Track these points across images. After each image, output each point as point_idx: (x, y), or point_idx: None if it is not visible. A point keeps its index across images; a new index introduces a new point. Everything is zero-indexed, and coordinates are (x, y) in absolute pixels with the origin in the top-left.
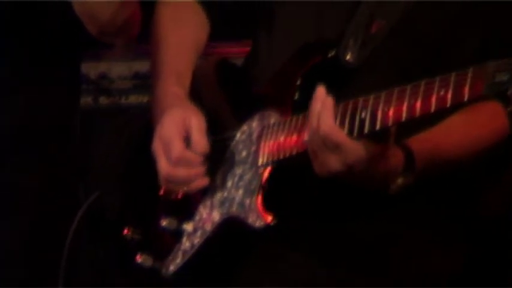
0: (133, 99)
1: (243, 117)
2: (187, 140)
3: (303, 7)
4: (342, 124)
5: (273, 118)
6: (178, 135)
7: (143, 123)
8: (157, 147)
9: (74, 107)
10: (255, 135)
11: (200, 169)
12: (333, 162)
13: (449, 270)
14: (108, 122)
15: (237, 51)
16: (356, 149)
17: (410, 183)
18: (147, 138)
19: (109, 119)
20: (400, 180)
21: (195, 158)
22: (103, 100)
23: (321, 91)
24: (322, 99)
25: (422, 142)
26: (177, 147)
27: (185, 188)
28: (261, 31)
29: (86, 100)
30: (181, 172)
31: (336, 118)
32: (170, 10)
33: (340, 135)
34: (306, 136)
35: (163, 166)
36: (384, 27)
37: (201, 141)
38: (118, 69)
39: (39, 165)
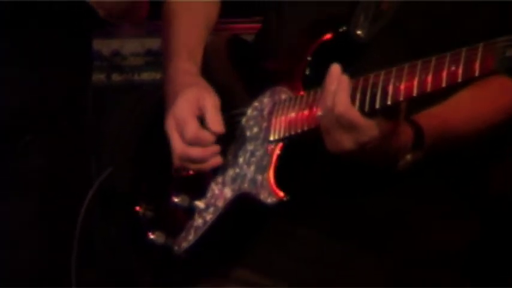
0: (145, 76)
1: (254, 93)
2: (201, 119)
3: None
4: (353, 99)
5: (284, 94)
6: (192, 115)
7: (156, 100)
8: (170, 126)
9: (85, 85)
10: (266, 111)
11: (215, 148)
12: (346, 141)
13: (458, 246)
14: (121, 99)
15: (247, 28)
16: (370, 128)
17: (419, 159)
18: (160, 115)
19: (122, 95)
20: (409, 157)
21: (209, 137)
22: (116, 77)
23: (336, 69)
24: (337, 78)
25: (431, 118)
26: (192, 126)
27: (199, 167)
28: (271, 7)
29: (99, 77)
30: (196, 152)
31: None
32: None
33: (355, 114)
34: (319, 112)
35: (178, 145)
36: (394, 2)
37: (216, 120)
38: (130, 46)
39: (50, 143)
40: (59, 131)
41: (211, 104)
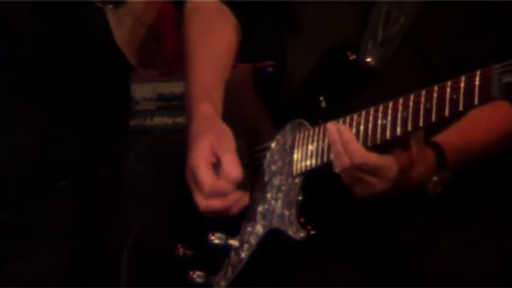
0: (157, 120)
1: (277, 125)
2: (217, 166)
3: (323, 10)
4: (365, 134)
5: (303, 127)
6: (206, 166)
7: (175, 143)
8: (189, 179)
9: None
10: (288, 145)
11: (236, 195)
12: (378, 184)
13: (489, 271)
14: (133, 144)
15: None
16: (392, 163)
17: (446, 179)
18: (172, 160)
19: (134, 140)
20: (435, 178)
21: (227, 186)
22: None
23: (332, 129)
24: (338, 137)
25: (450, 136)
26: (207, 180)
27: (226, 215)
28: (284, 36)
29: None
30: (217, 203)
31: (359, 130)
32: (198, 19)
33: (375, 157)
34: (337, 169)
35: (199, 200)
36: (402, 24)
37: (232, 166)
38: (142, 90)
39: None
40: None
41: (226, 149)
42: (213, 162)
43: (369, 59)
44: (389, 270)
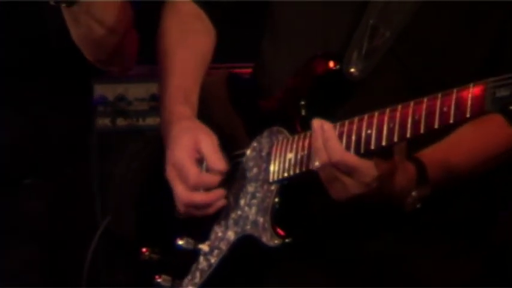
0: (150, 121)
1: (253, 132)
2: (200, 162)
3: (305, 16)
4: (348, 143)
5: (281, 134)
6: (191, 160)
7: (157, 145)
8: (171, 174)
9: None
10: (264, 152)
11: (219, 192)
12: (351, 186)
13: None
14: (126, 143)
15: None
16: (370, 168)
17: (425, 196)
18: (161, 159)
19: (127, 140)
20: (414, 194)
21: (212, 178)
22: (120, 121)
23: (316, 124)
24: (321, 133)
25: (433, 153)
26: (193, 172)
27: (204, 212)
28: (263, 42)
29: (104, 122)
30: (201, 197)
31: (342, 139)
32: (176, 21)
33: (353, 157)
34: (316, 163)
35: (181, 193)
36: (387, 37)
37: (216, 158)
38: (135, 91)
39: (50, 188)
40: (59, 177)
41: (209, 144)
42: (197, 158)
43: (352, 69)
44: (364, 278)
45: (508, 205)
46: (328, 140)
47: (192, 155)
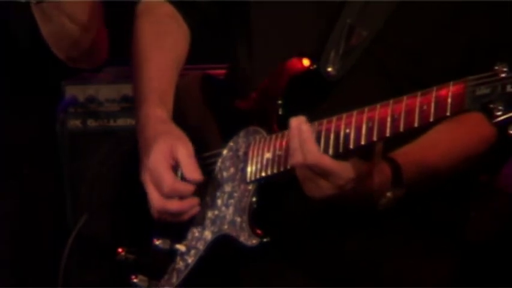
0: (121, 122)
1: (228, 133)
2: (175, 169)
3: (282, 16)
4: (327, 142)
5: (258, 134)
6: (167, 166)
7: (132, 145)
8: (146, 180)
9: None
10: (241, 152)
11: (192, 201)
12: (325, 187)
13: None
14: (97, 145)
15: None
16: (345, 170)
17: (400, 196)
18: (136, 160)
19: (97, 141)
20: (389, 194)
21: (187, 187)
22: (91, 123)
23: (294, 124)
24: (297, 133)
25: (409, 155)
26: (167, 179)
27: (178, 219)
28: (239, 42)
29: (75, 123)
30: (175, 205)
31: (320, 138)
32: (151, 22)
33: (328, 160)
34: (291, 161)
35: (156, 199)
36: (365, 37)
37: (191, 169)
38: (106, 92)
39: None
40: (30, 177)
41: (185, 152)
42: (172, 165)
43: (329, 69)
44: (342, 277)
45: (478, 205)
46: (304, 141)
47: (168, 161)
